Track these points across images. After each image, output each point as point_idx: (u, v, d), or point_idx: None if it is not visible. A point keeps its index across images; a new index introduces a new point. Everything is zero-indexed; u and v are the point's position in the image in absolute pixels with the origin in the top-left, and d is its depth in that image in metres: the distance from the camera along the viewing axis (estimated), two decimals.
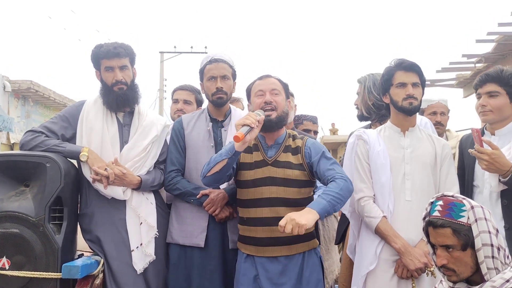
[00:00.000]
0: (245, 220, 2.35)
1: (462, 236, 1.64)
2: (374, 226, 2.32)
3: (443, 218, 1.68)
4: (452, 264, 1.67)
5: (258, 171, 2.32)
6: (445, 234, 1.66)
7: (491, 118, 2.37)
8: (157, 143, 2.64)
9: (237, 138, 2.07)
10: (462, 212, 1.67)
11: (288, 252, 2.28)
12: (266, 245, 2.28)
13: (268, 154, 2.36)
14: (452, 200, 1.71)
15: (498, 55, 9.03)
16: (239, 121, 2.17)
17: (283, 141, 2.40)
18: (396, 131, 2.46)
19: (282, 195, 2.28)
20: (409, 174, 2.37)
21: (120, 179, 2.42)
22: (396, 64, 2.42)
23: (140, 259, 2.45)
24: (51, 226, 2.30)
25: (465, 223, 1.65)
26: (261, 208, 2.28)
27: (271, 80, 2.40)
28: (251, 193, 2.32)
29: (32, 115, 13.24)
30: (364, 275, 2.35)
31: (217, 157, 2.22)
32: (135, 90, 2.62)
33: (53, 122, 2.55)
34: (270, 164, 2.33)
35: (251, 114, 2.21)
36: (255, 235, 2.30)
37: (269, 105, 2.32)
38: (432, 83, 10.42)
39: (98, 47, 2.56)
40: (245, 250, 2.36)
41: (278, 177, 2.30)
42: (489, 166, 2.18)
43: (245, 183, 2.35)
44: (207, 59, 2.71)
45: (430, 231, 1.72)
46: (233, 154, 2.19)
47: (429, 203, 1.78)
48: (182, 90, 3.46)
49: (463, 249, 1.64)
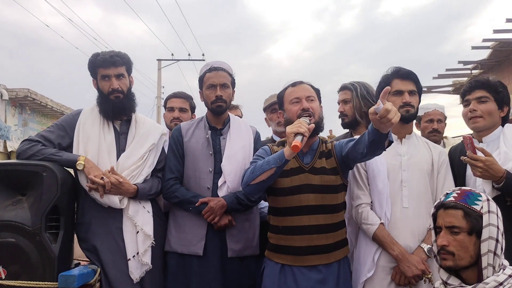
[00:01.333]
0: (280, 229, 2.29)
1: (472, 220, 1.65)
2: (371, 233, 2.32)
3: (457, 202, 1.70)
4: (453, 247, 1.68)
5: (295, 179, 2.28)
6: (455, 215, 1.67)
7: (482, 124, 2.38)
8: (154, 151, 2.64)
9: (297, 147, 1.98)
10: (477, 201, 1.69)
11: (326, 260, 2.24)
12: (305, 254, 2.22)
13: (304, 161, 2.32)
14: (470, 190, 1.74)
15: (494, 61, 9.10)
16: (291, 129, 2.06)
17: (317, 147, 2.36)
18: (393, 139, 2.46)
19: (321, 202, 2.25)
20: (406, 181, 2.37)
21: (116, 187, 2.41)
22: (393, 72, 2.44)
23: (136, 268, 2.44)
24: (48, 235, 2.29)
25: (477, 211, 1.67)
26: (300, 216, 2.23)
27: (305, 87, 2.36)
28: (288, 201, 2.26)
29: (29, 123, 13.22)
30: (362, 283, 2.35)
31: (264, 166, 2.12)
32: (132, 99, 2.62)
33: (49, 131, 2.55)
34: (308, 171, 2.29)
35: (302, 122, 2.12)
36: (293, 244, 2.24)
37: (306, 112, 2.27)
38: (429, 90, 10.48)
39: (94, 56, 2.56)
40: (279, 259, 2.28)
41: (316, 184, 2.26)
42: (484, 173, 2.18)
43: (281, 191, 2.28)
44: (207, 67, 2.72)
45: (440, 213, 1.73)
46: (282, 163, 2.11)
47: (444, 194, 1.79)
48: (177, 98, 3.45)
49: (469, 233, 1.65)
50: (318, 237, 2.22)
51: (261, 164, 2.15)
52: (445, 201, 1.73)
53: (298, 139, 2.01)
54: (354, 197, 2.44)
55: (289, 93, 2.36)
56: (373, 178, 2.40)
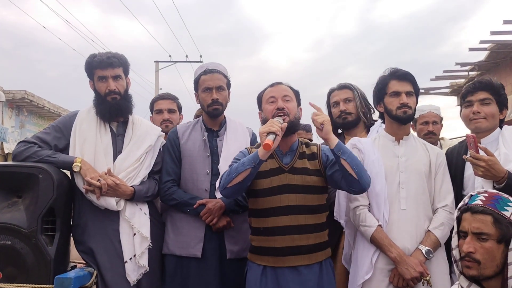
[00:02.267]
0: (261, 230, 2.28)
1: (503, 227, 1.55)
2: (369, 235, 2.32)
3: (486, 206, 1.59)
4: (480, 255, 1.57)
5: (275, 179, 2.27)
6: (485, 221, 1.57)
7: (485, 125, 2.37)
8: (151, 153, 2.63)
9: (268, 146, 2.01)
10: (507, 206, 1.59)
11: (308, 261, 2.23)
12: (286, 255, 2.22)
13: (284, 161, 2.32)
14: (498, 194, 1.64)
15: (491, 63, 9.12)
16: (263, 128, 2.11)
17: (297, 147, 2.37)
18: (390, 140, 2.47)
19: (302, 202, 2.24)
20: (404, 183, 2.37)
21: (113, 189, 2.40)
22: (390, 73, 2.43)
23: (133, 271, 2.42)
24: (44, 238, 2.28)
25: (507, 217, 1.57)
26: (281, 216, 2.23)
27: (282, 87, 2.37)
28: (269, 202, 2.26)
29: (27, 125, 13.19)
30: (360, 285, 2.34)
31: (240, 167, 2.13)
32: (129, 100, 2.61)
33: (46, 132, 2.53)
34: (287, 171, 2.29)
35: (274, 121, 2.16)
36: (274, 245, 2.24)
37: (281, 111, 2.29)
38: (427, 91, 10.50)
39: (91, 57, 2.55)
40: (261, 261, 2.27)
41: (297, 184, 2.26)
42: (486, 172, 2.17)
43: (261, 192, 2.27)
44: (202, 70, 2.71)
45: (466, 217, 1.62)
46: (257, 163, 2.12)
47: (468, 195, 1.69)
48: (164, 99, 3.41)
49: (498, 241, 1.55)
50: (299, 237, 2.22)
51: (236, 166, 2.15)
52: (471, 203, 1.63)
53: (270, 138, 2.04)
54: (352, 199, 2.43)
55: (267, 93, 2.38)
56: (371, 180, 2.39)
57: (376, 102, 2.53)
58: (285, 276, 2.21)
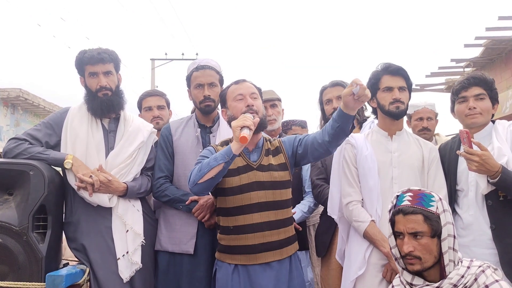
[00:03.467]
0: (231, 229, 2.26)
1: (434, 223, 1.71)
2: (362, 231, 2.31)
3: (414, 206, 1.74)
4: (419, 252, 1.72)
5: (243, 177, 2.26)
6: (416, 220, 1.72)
7: (480, 120, 2.37)
8: (143, 149, 2.61)
9: (245, 139, 2.00)
10: (432, 202, 1.75)
11: (280, 256, 2.24)
12: (258, 252, 2.21)
13: (251, 159, 2.31)
14: (421, 191, 1.78)
15: (486, 59, 9.13)
16: (236, 122, 2.09)
17: (262, 144, 2.37)
18: (383, 135, 2.46)
19: (271, 198, 2.25)
20: (397, 178, 2.36)
21: (105, 186, 2.39)
22: (383, 68, 2.43)
23: (126, 268, 2.41)
24: (35, 235, 2.26)
25: (434, 212, 1.73)
26: (251, 214, 2.22)
27: (248, 84, 2.37)
28: (238, 200, 2.25)
29: (22, 123, 13.13)
30: (353, 280, 2.34)
31: (212, 162, 2.10)
32: (120, 96, 2.59)
33: (37, 129, 2.52)
34: (256, 169, 2.28)
35: (247, 116, 2.15)
36: (246, 242, 2.23)
37: (251, 108, 2.28)
38: (422, 88, 10.50)
39: (82, 53, 2.53)
40: (232, 260, 2.25)
41: (266, 181, 2.26)
42: (479, 167, 2.17)
43: (230, 190, 2.26)
44: (194, 66, 2.70)
45: (399, 219, 1.76)
46: (230, 158, 2.11)
47: (394, 196, 1.83)
48: (152, 96, 3.37)
49: (432, 236, 1.71)
50: (270, 233, 2.22)
51: (208, 162, 2.12)
52: (400, 205, 1.76)
53: (245, 132, 2.04)
54: (344, 194, 2.42)
55: (233, 91, 2.35)
56: (363, 175, 2.39)
57: None
58: (257, 273, 2.21)
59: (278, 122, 3.34)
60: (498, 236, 2.23)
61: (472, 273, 1.69)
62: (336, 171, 2.50)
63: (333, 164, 2.55)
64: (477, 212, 2.30)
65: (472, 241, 2.28)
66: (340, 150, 2.50)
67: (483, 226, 2.27)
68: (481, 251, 2.25)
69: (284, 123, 3.85)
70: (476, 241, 2.28)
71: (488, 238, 2.25)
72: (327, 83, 3.04)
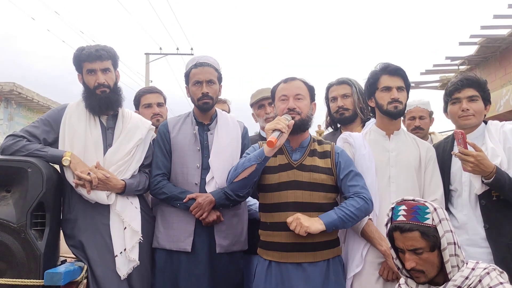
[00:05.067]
0: (268, 225, 2.28)
1: (431, 238, 1.72)
2: (360, 229, 2.33)
3: (410, 222, 1.74)
4: (421, 266, 1.74)
5: (283, 175, 2.27)
6: (414, 237, 1.73)
7: (473, 122, 2.40)
8: (141, 146, 2.61)
9: (272, 143, 2.04)
10: (427, 215, 1.75)
11: (312, 259, 2.22)
12: (290, 251, 2.21)
13: (293, 158, 2.31)
14: (415, 203, 1.78)
15: (481, 57, 9.17)
16: (269, 125, 2.13)
17: (308, 144, 2.36)
18: (381, 135, 2.48)
19: (308, 199, 2.23)
20: (394, 177, 2.38)
21: (103, 183, 2.38)
22: (381, 68, 2.44)
23: (124, 265, 2.41)
24: (33, 232, 2.26)
25: (430, 225, 1.73)
26: (286, 212, 2.22)
27: (295, 84, 2.34)
28: (276, 197, 2.26)
29: (15, 117, 13.04)
30: (350, 278, 2.36)
31: (246, 163, 2.16)
32: (118, 93, 2.59)
33: (34, 126, 2.51)
34: (296, 168, 2.28)
35: (281, 118, 2.16)
36: (279, 240, 2.23)
37: (292, 111, 2.28)
38: (417, 85, 10.54)
39: (80, 49, 2.52)
40: (267, 256, 2.27)
41: (304, 181, 2.25)
42: (475, 168, 2.19)
43: (269, 187, 2.28)
44: (193, 63, 2.69)
45: (397, 236, 1.78)
46: (262, 159, 2.14)
47: (390, 208, 1.84)
48: (151, 93, 3.32)
49: (431, 250, 1.72)
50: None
51: (243, 162, 2.18)
52: (396, 220, 1.77)
53: (274, 135, 2.06)
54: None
55: (280, 90, 2.36)
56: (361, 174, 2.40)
57: (367, 97, 2.54)
58: (289, 272, 2.21)
59: None
60: (491, 235, 2.26)
61: (477, 274, 1.70)
62: None
63: None
64: (470, 212, 2.33)
65: (466, 241, 2.31)
66: None
67: (476, 225, 2.30)
68: (475, 250, 2.28)
69: None
70: (470, 240, 2.31)
71: (481, 237, 2.28)
72: (334, 80, 3.05)
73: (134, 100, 3.37)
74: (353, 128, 2.91)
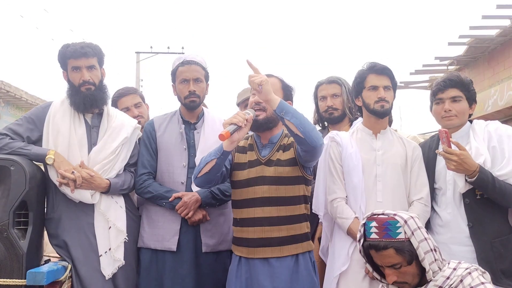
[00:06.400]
0: (238, 221, 2.31)
1: (406, 252, 1.72)
2: (346, 227, 2.33)
3: (383, 239, 1.74)
4: (402, 278, 1.75)
5: (252, 171, 2.29)
6: (389, 254, 1.73)
7: (455, 122, 2.41)
8: (127, 145, 2.58)
9: (222, 136, 2.02)
10: (398, 229, 1.74)
11: (279, 254, 2.22)
12: (257, 246, 2.22)
13: (262, 154, 2.32)
14: (386, 218, 1.77)
15: (470, 57, 9.24)
16: (226, 120, 2.13)
17: (278, 140, 2.35)
18: (368, 134, 2.48)
19: (274, 193, 2.24)
20: (380, 176, 2.39)
21: (87, 182, 2.35)
22: (368, 68, 2.45)
23: (108, 264, 2.39)
24: (16, 232, 2.23)
25: (404, 239, 1.73)
26: (254, 208, 2.24)
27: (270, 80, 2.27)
28: (244, 193, 2.28)
29: (3, 116, 12.89)
30: (336, 276, 2.36)
31: (207, 158, 2.20)
32: (104, 91, 2.56)
33: (18, 124, 2.47)
34: (264, 163, 2.29)
35: (239, 113, 2.16)
36: (247, 236, 2.25)
37: (258, 105, 2.27)
38: (406, 85, 10.59)
39: (64, 47, 2.49)
40: (237, 252, 2.31)
41: (270, 176, 2.26)
42: (458, 166, 2.21)
43: (238, 183, 2.31)
44: (179, 61, 2.68)
45: (373, 254, 1.79)
46: (221, 154, 2.14)
47: (361, 224, 1.84)
48: (126, 96, 3.11)
49: (409, 264, 1.73)
50: (270, 229, 2.22)
51: (205, 157, 2.21)
52: (369, 237, 1.77)
53: (228, 129, 2.05)
54: (329, 191, 2.44)
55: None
56: (348, 173, 2.41)
57: (354, 96, 2.54)
58: (256, 268, 2.22)
59: None
60: (475, 233, 2.27)
61: (458, 274, 1.71)
62: (321, 168, 2.52)
63: (319, 162, 2.57)
64: (455, 210, 2.34)
65: (450, 239, 2.32)
66: (326, 148, 2.52)
67: (460, 224, 2.32)
68: (459, 249, 2.29)
69: None
70: (453, 238, 2.32)
71: (465, 235, 2.30)
72: (324, 78, 3.03)
73: (112, 104, 3.09)
74: (341, 127, 2.91)
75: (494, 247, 2.24)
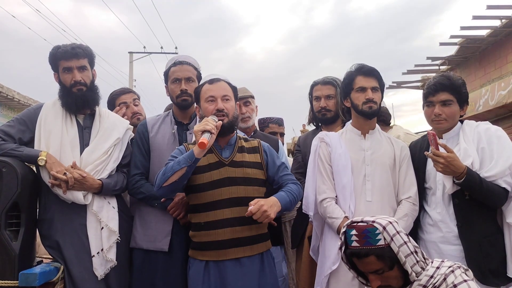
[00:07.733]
0: (202, 225, 2.28)
1: (387, 259, 1.74)
2: (336, 227, 2.36)
3: (364, 247, 1.76)
4: (386, 282, 1.77)
5: (215, 173, 2.28)
6: (371, 261, 1.75)
7: (445, 126, 2.43)
8: (119, 146, 2.60)
9: (204, 144, 2.05)
10: (378, 236, 1.76)
11: (250, 253, 2.25)
12: (228, 247, 2.23)
13: (223, 155, 2.34)
14: (365, 226, 1.79)
15: (461, 57, 9.31)
16: (198, 127, 2.16)
17: (235, 142, 2.40)
18: (356, 134, 2.51)
19: (243, 194, 2.27)
20: (369, 176, 2.42)
21: (80, 183, 2.36)
22: (356, 69, 2.48)
23: (101, 265, 2.40)
24: (8, 233, 2.24)
25: (383, 245, 1.75)
26: (222, 209, 2.24)
27: (221, 85, 2.36)
28: (209, 196, 2.26)
29: None
30: (327, 275, 2.38)
31: (175, 166, 2.14)
32: (95, 91, 2.57)
33: (9, 125, 2.48)
34: (228, 165, 2.31)
35: (209, 119, 2.19)
36: (216, 238, 2.24)
37: (221, 112, 2.30)
38: (399, 85, 10.67)
39: (55, 48, 2.50)
40: (203, 257, 2.26)
41: (238, 177, 2.28)
42: (445, 168, 2.24)
43: (201, 187, 2.27)
44: (172, 62, 2.71)
45: (356, 261, 1.82)
46: (193, 162, 2.14)
47: (341, 232, 1.86)
48: (126, 94, 3.23)
49: (390, 269, 1.75)
50: (241, 229, 2.24)
51: (172, 165, 2.16)
52: (350, 245, 1.79)
53: (205, 137, 2.08)
54: (319, 191, 2.47)
55: (206, 91, 2.36)
56: (337, 173, 2.43)
57: (343, 97, 2.57)
58: (227, 269, 2.22)
59: (252, 120, 3.34)
60: (464, 233, 2.30)
61: (441, 273, 1.74)
62: (311, 168, 2.55)
63: (309, 161, 2.59)
64: (444, 210, 2.37)
65: (439, 238, 2.36)
66: (315, 148, 2.55)
67: (450, 223, 2.34)
68: (448, 248, 2.32)
69: (261, 121, 3.86)
70: (443, 237, 2.35)
71: (454, 235, 2.32)
72: (320, 78, 3.05)
73: (108, 103, 3.25)
74: (334, 128, 2.93)
75: (483, 247, 2.26)
